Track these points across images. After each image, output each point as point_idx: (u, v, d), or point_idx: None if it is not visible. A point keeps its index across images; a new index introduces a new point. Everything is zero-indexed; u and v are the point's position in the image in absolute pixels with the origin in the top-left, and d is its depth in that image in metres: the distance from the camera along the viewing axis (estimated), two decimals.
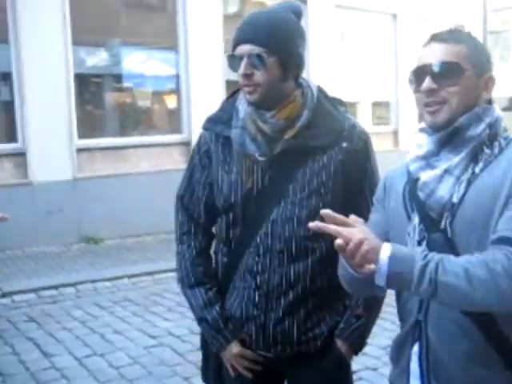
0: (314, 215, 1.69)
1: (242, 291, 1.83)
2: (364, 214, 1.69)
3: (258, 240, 1.78)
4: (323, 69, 10.14)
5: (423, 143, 1.47)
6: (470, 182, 1.38)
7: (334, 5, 10.49)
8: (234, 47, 1.72)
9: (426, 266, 1.25)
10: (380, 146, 10.57)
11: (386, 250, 1.26)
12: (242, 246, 1.82)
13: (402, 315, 1.57)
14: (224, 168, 1.83)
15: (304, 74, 1.88)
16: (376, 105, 12.09)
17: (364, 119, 11.68)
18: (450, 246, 1.36)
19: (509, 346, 1.36)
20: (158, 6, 9.23)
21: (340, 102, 1.88)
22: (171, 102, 9.34)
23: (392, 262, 1.25)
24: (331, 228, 1.25)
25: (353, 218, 1.31)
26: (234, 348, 1.84)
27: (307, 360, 1.84)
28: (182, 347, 4.38)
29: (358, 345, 1.87)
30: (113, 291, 5.97)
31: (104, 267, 6.72)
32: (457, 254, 1.33)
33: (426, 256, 1.27)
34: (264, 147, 1.75)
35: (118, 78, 8.81)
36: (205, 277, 1.90)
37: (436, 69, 1.40)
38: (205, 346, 1.99)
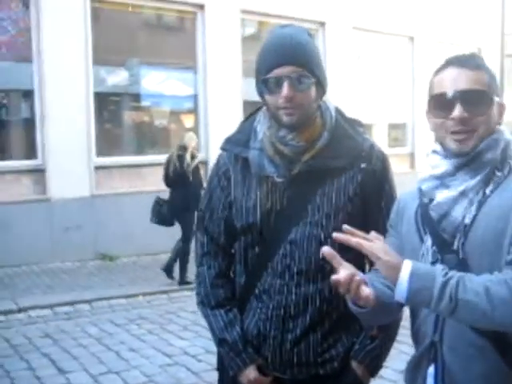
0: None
1: (259, 311, 1.82)
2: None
3: (276, 260, 1.77)
4: (340, 90, 10.18)
5: (439, 164, 1.48)
6: (480, 204, 1.39)
7: (351, 27, 10.58)
8: (270, 69, 1.68)
9: (446, 283, 1.26)
10: (396, 167, 10.47)
11: (407, 267, 1.29)
12: (260, 267, 1.82)
13: (417, 337, 1.56)
14: (243, 189, 1.83)
15: None
16: (392, 127, 12.09)
17: (380, 141, 11.67)
18: (463, 267, 1.37)
19: None
20: (178, 27, 9.37)
21: (358, 123, 1.89)
22: (188, 121, 9.41)
23: (413, 278, 1.27)
24: (353, 240, 1.31)
25: (374, 234, 1.36)
26: (252, 373, 1.82)
27: (323, 382, 1.83)
28: (198, 366, 4.37)
29: (373, 367, 1.84)
30: (127, 309, 5.98)
31: (119, 284, 6.74)
32: None
33: (446, 273, 1.28)
34: (282, 168, 1.75)
35: (137, 97, 8.92)
36: (225, 299, 1.89)
37: (467, 97, 1.40)
38: (221, 368, 1.98)
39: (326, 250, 1.35)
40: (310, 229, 1.76)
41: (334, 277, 1.30)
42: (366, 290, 1.32)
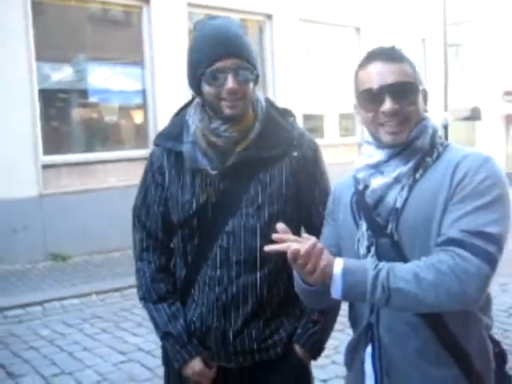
0: (269, 225, 1.75)
1: (201, 304, 1.85)
2: (315, 222, 1.81)
3: (215, 252, 1.80)
4: (289, 82, 10.27)
5: (373, 154, 1.53)
6: (411, 188, 1.45)
7: (298, 19, 10.64)
8: (212, 62, 1.69)
9: (377, 274, 1.32)
10: (347, 156, 10.73)
11: (338, 264, 1.34)
12: (200, 259, 1.84)
13: (355, 320, 1.63)
14: (178, 183, 1.84)
15: (270, 88, 1.93)
16: (342, 117, 12.25)
17: (331, 131, 11.85)
18: (397, 250, 1.44)
19: (456, 343, 1.42)
20: (124, 21, 9.23)
21: (289, 113, 1.93)
22: (138, 116, 9.32)
23: (345, 274, 1.33)
24: (283, 246, 1.31)
25: (305, 236, 1.39)
26: (197, 365, 1.85)
27: (268, 368, 1.88)
28: (152, 362, 4.35)
29: (316, 350, 1.90)
30: (81, 308, 5.90)
31: (71, 284, 6.63)
32: (404, 257, 1.42)
33: (376, 265, 1.34)
34: (216, 161, 1.77)
35: (84, 93, 8.75)
36: (167, 292, 1.91)
37: (396, 89, 1.45)
38: (166, 362, 1.99)
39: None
40: (246, 219, 1.79)
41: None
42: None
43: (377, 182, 1.49)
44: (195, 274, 1.86)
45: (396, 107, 1.44)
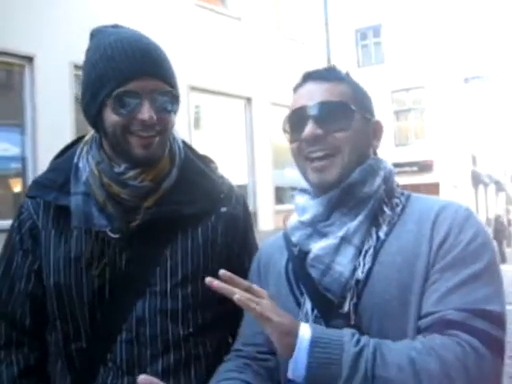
0: (195, 306, 1.34)
1: None
2: None
3: (119, 350, 1.31)
4: None
5: (307, 206, 1.19)
6: (376, 251, 1.12)
7: (187, 86, 10.51)
8: (124, 81, 1.27)
9: (359, 354, 0.95)
10: None
11: (305, 332, 0.97)
12: (94, 362, 1.33)
13: None
14: (57, 251, 1.36)
15: None
16: None
17: None
18: None
19: None
20: (3, 81, 8.61)
21: (209, 159, 1.57)
22: (15, 185, 8.57)
23: (314, 348, 0.95)
24: (242, 298, 0.97)
25: (259, 288, 1.06)
26: None
27: None
28: None
29: None
30: None
31: None
32: None
33: (358, 341, 0.97)
34: (118, 220, 1.33)
35: None
36: None
37: (319, 110, 1.15)
38: None
39: (209, 280, 1.04)
40: (162, 300, 1.33)
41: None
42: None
43: (319, 246, 1.14)
44: (88, 382, 1.34)
45: (318, 132, 1.14)
